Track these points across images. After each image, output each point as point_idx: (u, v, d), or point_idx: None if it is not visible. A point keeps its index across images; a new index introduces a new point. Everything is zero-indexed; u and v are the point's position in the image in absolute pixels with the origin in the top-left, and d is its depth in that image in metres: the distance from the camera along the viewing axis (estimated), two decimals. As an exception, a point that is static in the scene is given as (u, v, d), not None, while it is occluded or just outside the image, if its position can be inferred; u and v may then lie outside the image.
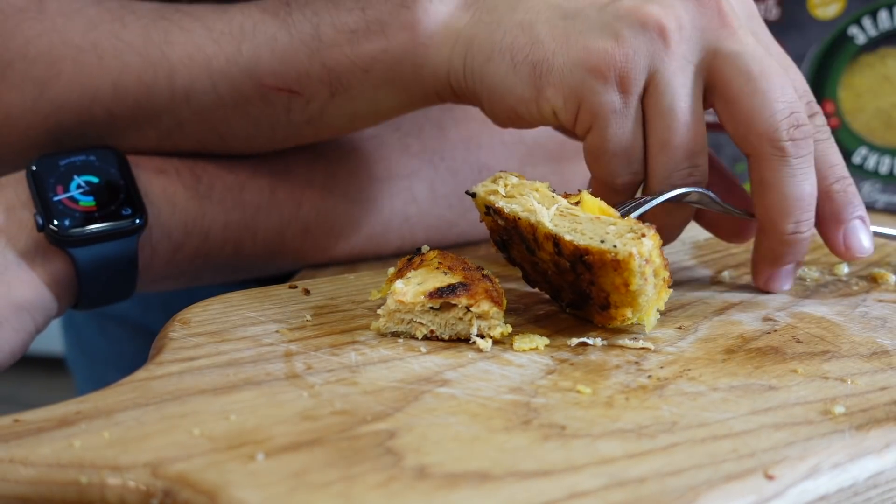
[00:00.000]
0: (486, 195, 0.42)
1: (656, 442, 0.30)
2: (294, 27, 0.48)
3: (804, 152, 0.42)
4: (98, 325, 0.87)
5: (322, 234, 0.56)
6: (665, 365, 0.37)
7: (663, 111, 0.42)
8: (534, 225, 0.39)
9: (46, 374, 2.04)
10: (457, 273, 0.40)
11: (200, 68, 0.49)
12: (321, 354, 0.37)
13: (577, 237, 0.38)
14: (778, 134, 0.42)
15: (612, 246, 0.37)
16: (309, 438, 0.30)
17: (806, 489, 0.29)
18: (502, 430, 0.31)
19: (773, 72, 0.42)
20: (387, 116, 0.52)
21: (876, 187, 0.77)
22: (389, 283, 0.41)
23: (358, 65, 0.48)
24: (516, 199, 0.41)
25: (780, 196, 0.43)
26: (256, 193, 0.53)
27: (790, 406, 0.33)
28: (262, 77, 0.49)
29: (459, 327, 0.39)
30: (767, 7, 0.81)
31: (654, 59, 0.41)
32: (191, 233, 0.51)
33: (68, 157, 0.49)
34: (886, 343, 0.41)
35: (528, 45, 0.43)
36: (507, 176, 0.42)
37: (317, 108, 0.50)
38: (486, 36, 0.45)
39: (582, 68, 0.42)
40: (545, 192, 0.41)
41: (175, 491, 0.27)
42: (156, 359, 0.36)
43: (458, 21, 0.46)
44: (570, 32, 0.42)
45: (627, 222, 0.38)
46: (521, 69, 0.43)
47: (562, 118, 0.44)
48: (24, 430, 0.30)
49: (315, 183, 0.55)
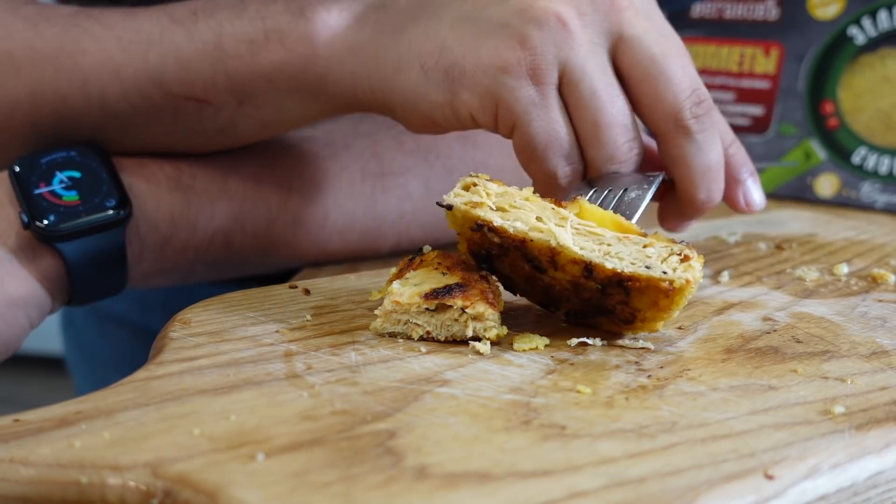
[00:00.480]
0: (470, 209, 0.38)
1: (656, 442, 0.30)
2: (198, 36, 0.49)
3: (708, 126, 0.44)
4: (98, 325, 0.87)
5: (315, 228, 0.56)
6: (665, 365, 0.37)
7: (585, 96, 0.42)
8: (554, 249, 0.37)
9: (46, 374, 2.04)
10: (455, 274, 0.40)
11: (111, 77, 0.49)
12: (321, 354, 0.37)
13: (617, 264, 0.37)
14: (683, 113, 0.43)
15: (661, 272, 0.36)
16: (309, 438, 0.30)
17: (806, 489, 0.29)
18: (502, 430, 0.31)
19: (672, 53, 0.43)
20: (300, 124, 0.53)
21: (876, 187, 0.77)
22: (390, 283, 0.41)
23: (260, 75, 0.48)
24: (512, 214, 0.38)
25: (691, 170, 0.44)
26: (240, 183, 0.54)
27: (790, 406, 0.33)
28: (170, 86, 0.49)
29: (455, 329, 0.39)
30: (767, 7, 0.81)
31: (562, 49, 0.42)
32: (178, 225, 0.52)
33: (49, 155, 0.49)
34: (886, 343, 0.41)
35: (437, 52, 0.43)
36: (484, 183, 0.39)
37: (227, 116, 0.50)
38: (392, 47, 0.45)
39: (493, 68, 0.42)
40: (537, 200, 0.39)
41: (175, 491, 0.27)
42: (156, 359, 0.36)
43: (359, 34, 0.46)
44: (476, 34, 0.43)
45: (662, 241, 0.38)
46: (432, 76, 0.43)
47: (481, 120, 0.44)
48: (24, 430, 0.30)
49: (304, 176, 0.55)
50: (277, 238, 0.55)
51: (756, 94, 0.83)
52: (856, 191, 0.78)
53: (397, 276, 0.41)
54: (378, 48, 0.45)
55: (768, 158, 0.82)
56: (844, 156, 0.78)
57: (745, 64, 0.83)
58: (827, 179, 0.80)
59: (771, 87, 0.82)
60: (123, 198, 0.49)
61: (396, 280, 0.40)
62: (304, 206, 0.55)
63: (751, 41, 0.82)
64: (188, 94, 0.49)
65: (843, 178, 0.79)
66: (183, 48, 0.48)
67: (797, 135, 0.80)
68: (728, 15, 0.83)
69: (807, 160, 0.80)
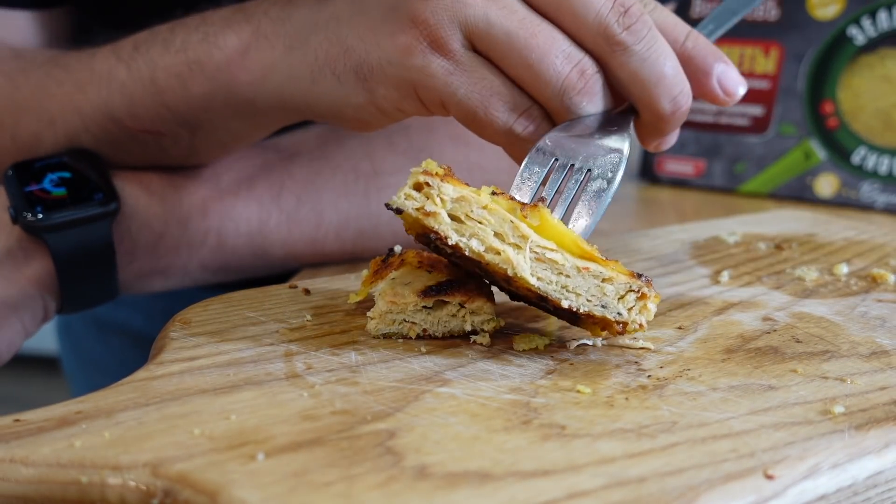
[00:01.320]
0: (422, 217, 0.35)
1: (656, 442, 0.30)
2: (136, 72, 0.50)
3: (645, 32, 0.41)
4: (98, 332, 0.88)
5: (310, 227, 0.56)
6: (665, 365, 0.37)
7: (502, 41, 0.40)
8: (509, 276, 0.35)
9: (46, 374, 2.04)
10: (441, 271, 0.40)
11: (73, 115, 0.52)
12: (321, 354, 0.37)
13: (574, 301, 0.36)
14: (611, 29, 0.40)
15: (616, 314, 0.36)
16: (309, 438, 0.30)
17: (805, 489, 0.29)
18: (502, 430, 0.31)
19: None
20: (262, 136, 0.53)
21: (875, 187, 0.77)
22: (366, 285, 0.41)
23: (196, 105, 0.49)
24: (468, 228, 0.35)
25: (645, 85, 0.41)
26: (232, 181, 0.54)
27: (790, 406, 0.33)
28: (122, 120, 0.51)
29: (453, 324, 0.39)
30: (767, 7, 0.81)
31: (456, 10, 0.40)
32: (169, 221, 0.52)
33: (43, 161, 0.51)
34: (886, 343, 0.41)
35: (342, 55, 0.43)
36: (438, 185, 0.35)
37: (185, 144, 0.52)
38: (300, 61, 0.45)
39: (396, 55, 0.41)
40: (498, 210, 0.36)
41: (175, 491, 0.27)
42: (156, 359, 0.36)
43: (271, 53, 0.46)
44: (372, 25, 0.42)
45: (624, 276, 0.36)
46: (345, 79, 0.43)
47: (408, 110, 0.43)
48: (25, 430, 0.30)
49: (296, 175, 0.56)
50: (271, 236, 0.55)
51: (756, 94, 0.83)
52: (856, 191, 0.78)
53: (375, 278, 0.41)
54: (291, 65, 0.45)
55: (768, 158, 0.82)
56: (844, 156, 0.78)
57: (744, 64, 0.83)
58: (827, 179, 0.80)
59: (771, 87, 0.82)
60: (111, 193, 0.50)
61: (381, 281, 0.40)
62: (298, 205, 0.55)
63: (751, 41, 0.82)
64: (140, 127, 0.51)
65: (842, 178, 0.79)
66: (126, 85, 0.50)
67: (797, 135, 0.80)
68: (728, 15, 0.83)
69: (807, 160, 0.80)
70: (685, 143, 0.87)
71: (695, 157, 0.86)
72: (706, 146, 0.85)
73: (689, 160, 0.87)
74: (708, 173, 0.86)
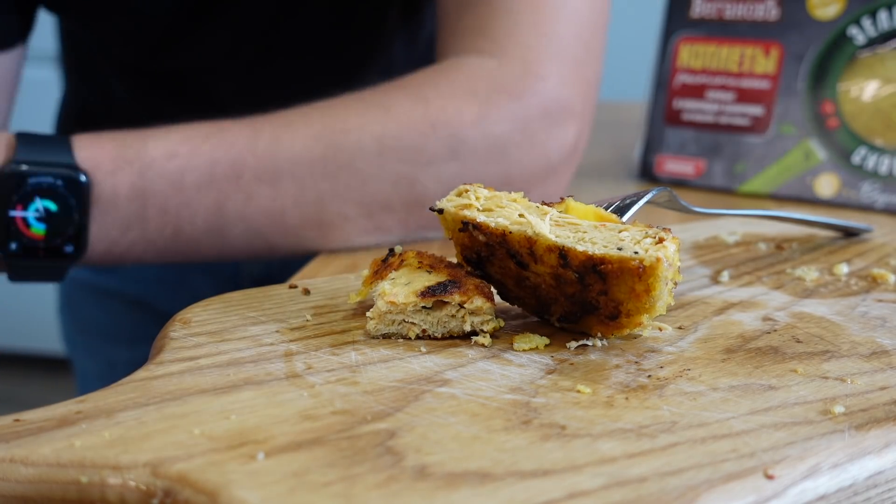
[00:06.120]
0: (458, 210, 0.40)
1: (656, 442, 0.30)
2: None
3: None
4: (96, 299, 0.93)
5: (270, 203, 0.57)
6: (665, 365, 0.37)
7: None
8: (531, 238, 0.38)
9: (46, 374, 2.04)
10: (441, 271, 0.40)
11: None
12: (321, 354, 0.37)
13: (589, 247, 0.37)
14: None
15: (632, 253, 0.36)
16: (309, 438, 0.30)
17: (805, 489, 0.29)
18: (502, 430, 0.31)
19: None
20: None
21: (876, 187, 0.77)
22: (366, 285, 0.41)
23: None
24: (497, 213, 0.39)
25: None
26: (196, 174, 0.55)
27: (790, 406, 0.33)
28: None
29: (452, 325, 0.39)
30: (767, 7, 0.81)
31: None
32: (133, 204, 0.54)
33: (38, 177, 0.51)
34: (886, 343, 0.41)
35: None
36: (475, 188, 0.41)
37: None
38: None
39: None
40: (525, 202, 0.40)
41: (175, 490, 0.27)
42: (156, 358, 0.36)
43: None
44: None
45: (639, 227, 0.38)
46: None
47: None
48: (25, 430, 0.30)
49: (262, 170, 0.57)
50: (230, 213, 0.56)
51: (756, 94, 0.83)
52: (856, 191, 0.78)
53: (375, 278, 0.41)
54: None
55: (768, 158, 0.82)
56: (844, 156, 0.78)
57: (744, 64, 0.83)
58: (827, 179, 0.80)
59: (771, 87, 0.82)
60: (83, 243, 0.52)
61: (381, 281, 0.40)
62: (258, 185, 0.56)
63: (751, 41, 0.82)
64: None
65: (843, 179, 0.79)
66: None
67: (797, 135, 0.80)
68: (728, 15, 0.83)
69: (807, 160, 0.80)
70: (685, 143, 0.87)
71: (695, 157, 0.86)
72: (706, 146, 0.85)
73: (688, 160, 0.87)
74: (708, 173, 0.86)
